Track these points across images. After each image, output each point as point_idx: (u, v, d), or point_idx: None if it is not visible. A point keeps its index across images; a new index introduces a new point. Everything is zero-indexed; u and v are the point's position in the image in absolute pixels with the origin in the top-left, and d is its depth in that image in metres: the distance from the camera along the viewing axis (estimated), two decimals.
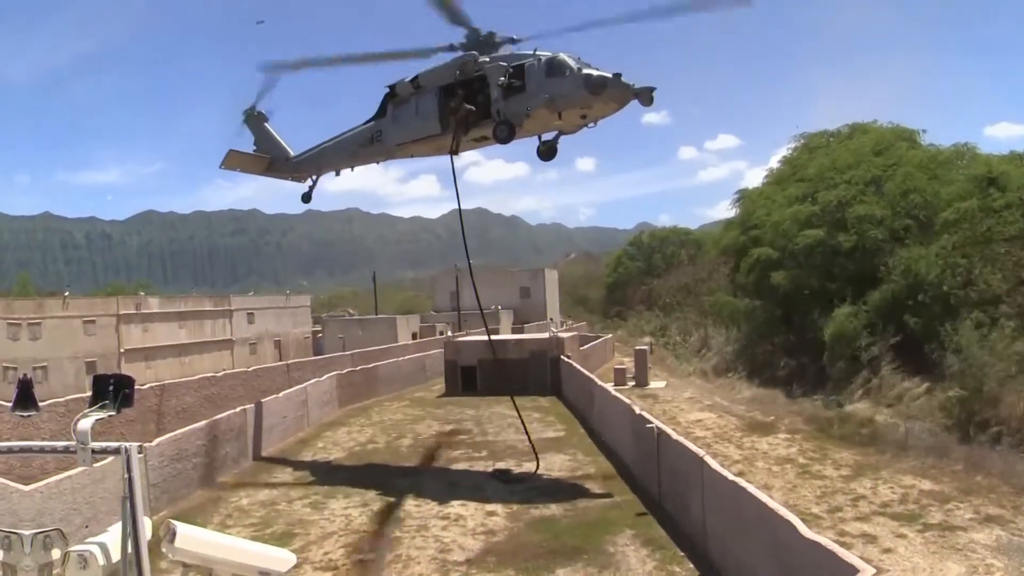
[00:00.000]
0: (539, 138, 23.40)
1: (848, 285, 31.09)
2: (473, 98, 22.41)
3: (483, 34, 22.32)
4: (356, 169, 27.36)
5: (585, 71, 20.56)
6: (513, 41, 22.45)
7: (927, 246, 28.08)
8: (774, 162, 45.64)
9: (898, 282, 28.39)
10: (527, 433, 24.78)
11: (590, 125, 21.88)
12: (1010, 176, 28.16)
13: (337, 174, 27.61)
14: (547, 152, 23.62)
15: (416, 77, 23.61)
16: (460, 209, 24.27)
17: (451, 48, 22.74)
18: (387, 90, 24.56)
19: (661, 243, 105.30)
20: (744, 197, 44.76)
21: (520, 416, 25.41)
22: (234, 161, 27.52)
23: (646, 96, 19.98)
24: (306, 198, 28.49)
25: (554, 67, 21.01)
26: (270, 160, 28.09)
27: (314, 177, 27.96)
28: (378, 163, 26.74)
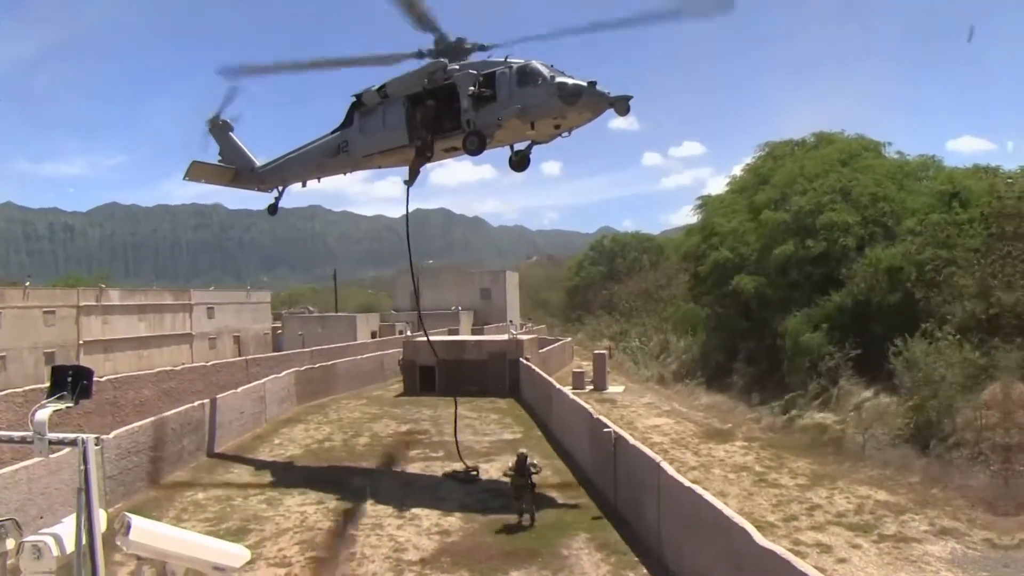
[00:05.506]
0: (511, 148, 22.75)
1: (812, 293, 31.21)
2: (442, 107, 21.61)
3: (452, 40, 21.50)
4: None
5: (558, 80, 19.78)
6: (483, 48, 21.69)
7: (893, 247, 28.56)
8: (737, 170, 46.16)
9: (859, 286, 28.62)
10: (456, 440, 24.84)
11: (564, 134, 21.00)
12: (972, 191, 28.51)
13: (303, 185, 26.90)
14: (519, 163, 22.95)
15: (383, 85, 22.85)
16: (407, 214, 23.64)
17: (419, 55, 21.87)
18: (353, 99, 23.79)
19: (623, 248, 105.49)
20: (706, 204, 44.96)
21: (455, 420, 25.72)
22: (198, 172, 26.83)
23: (622, 106, 19.18)
24: (272, 210, 27.91)
25: (526, 76, 20.24)
26: (235, 171, 27.36)
27: (279, 188, 27.31)
28: (344, 174, 25.96)
